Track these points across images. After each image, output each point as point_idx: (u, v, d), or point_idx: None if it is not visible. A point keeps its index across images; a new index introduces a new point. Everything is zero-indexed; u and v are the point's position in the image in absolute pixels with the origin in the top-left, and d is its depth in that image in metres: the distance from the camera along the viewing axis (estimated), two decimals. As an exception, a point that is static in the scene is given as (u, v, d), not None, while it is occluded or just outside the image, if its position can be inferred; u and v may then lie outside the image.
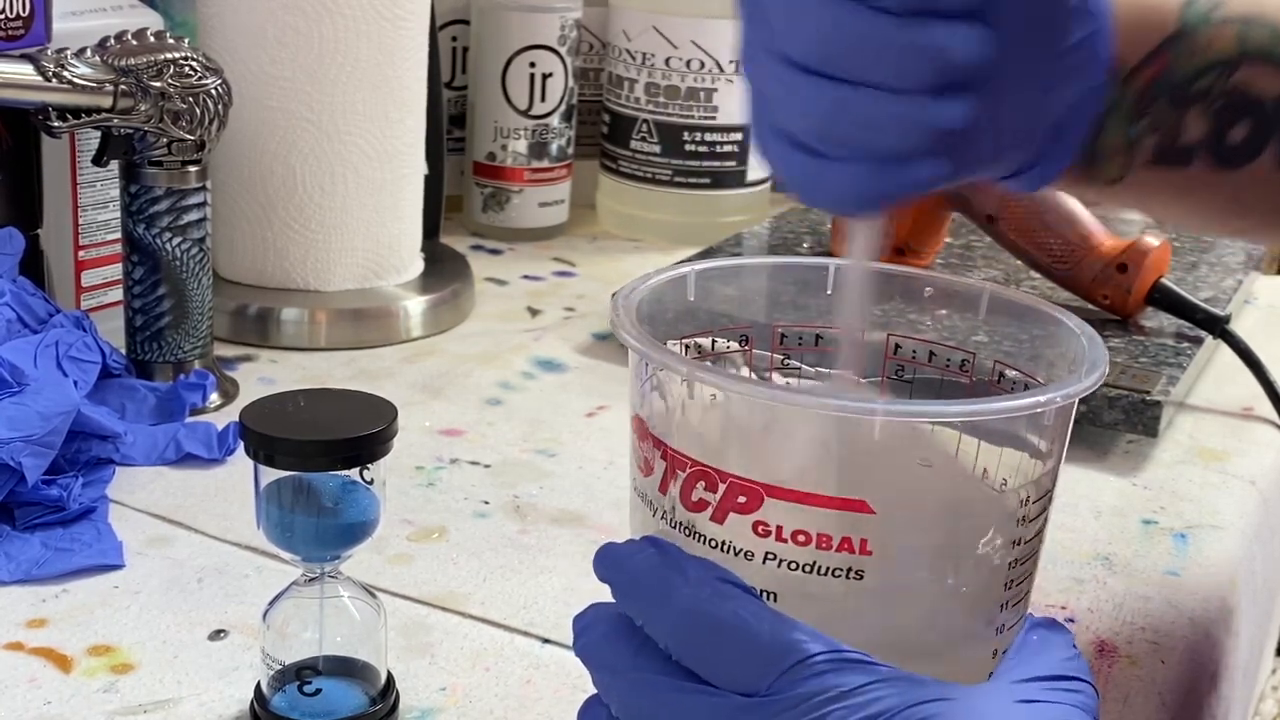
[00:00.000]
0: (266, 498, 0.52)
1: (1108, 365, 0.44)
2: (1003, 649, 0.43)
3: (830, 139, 0.44)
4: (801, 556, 0.41)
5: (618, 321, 0.44)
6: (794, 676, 0.39)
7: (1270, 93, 0.51)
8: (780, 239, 1.06)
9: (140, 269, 0.79)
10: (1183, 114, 0.51)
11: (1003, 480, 0.43)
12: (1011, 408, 0.41)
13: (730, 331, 0.49)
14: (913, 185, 0.45)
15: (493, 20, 1.12)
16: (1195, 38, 0.50)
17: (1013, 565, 0.43)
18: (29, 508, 0.66)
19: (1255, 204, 0.54)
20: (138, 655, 0.58)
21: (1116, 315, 0.91)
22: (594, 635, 0.43)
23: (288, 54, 0.88)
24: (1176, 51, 0.50)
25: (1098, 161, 0.51)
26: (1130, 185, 0.52)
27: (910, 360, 0.49)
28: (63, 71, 0.72)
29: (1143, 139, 0.51)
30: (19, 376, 0.67)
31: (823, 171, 0.44)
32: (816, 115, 0.43)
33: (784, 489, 0.41)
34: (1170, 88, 0.50)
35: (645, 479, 0.44)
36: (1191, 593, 0.68)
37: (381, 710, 0.54)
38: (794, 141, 0.45)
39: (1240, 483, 0.80)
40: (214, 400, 0.80)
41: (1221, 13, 0.51)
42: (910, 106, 0.43)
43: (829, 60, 0.43)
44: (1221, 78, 0.50)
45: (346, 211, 0.92)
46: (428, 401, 0.83)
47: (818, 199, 0.46)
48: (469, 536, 0.69)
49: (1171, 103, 0.50)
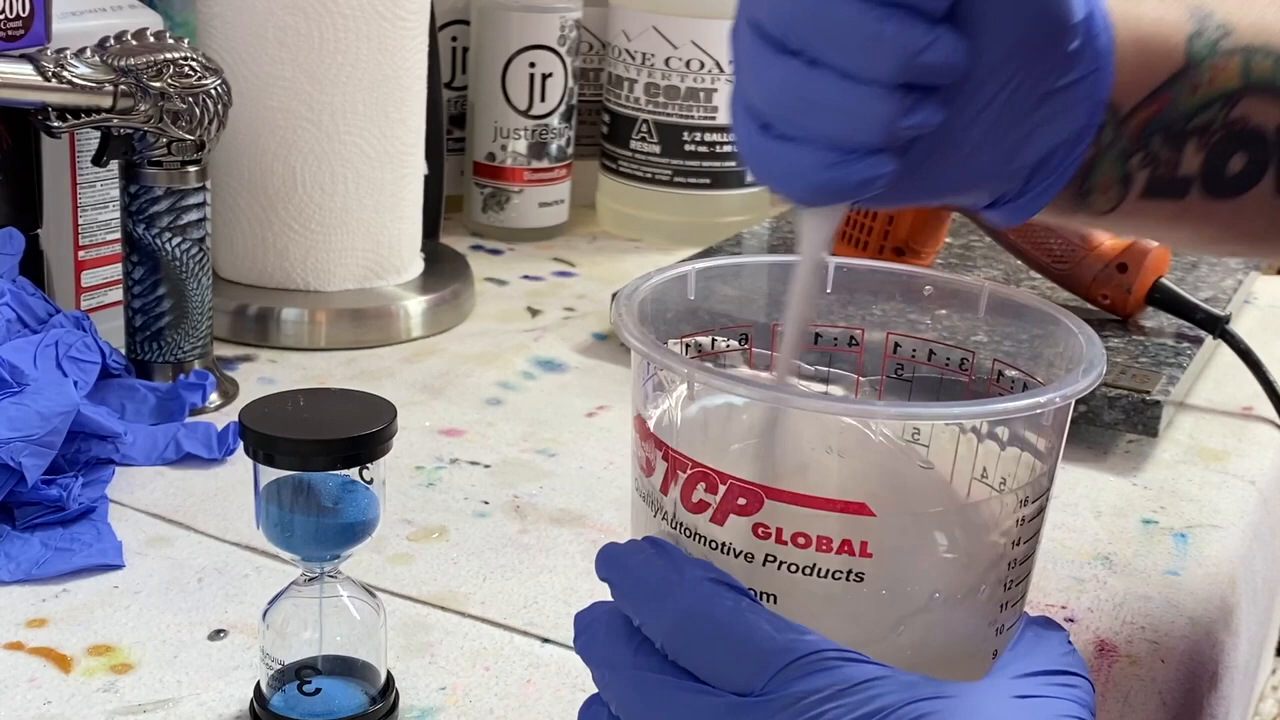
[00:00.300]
0: (266, 497, 0.52)
1: (1105, 365, 0.44)
2: (1001, 649, 0.43)
3: (786, 117, 0.43)
4: (801, 559, 0.41)
5: (620, 322, 0.44)
6: (789, 675, 0.39)
7: (1271, 123, 0.49)
8: (780, 239, 1.06)
9: (140, 269, 0.79)
10: (1179, 149, 0.49)
11: (1001, 480, 0.43)
12: (1010, 409, 0.41)
13: (730, 330, 0.49)
14: (861, 180, 0.43)
15: (493, 20, 1.12)
16: (1199, 72, 0.49)
17: (1012, 565, 0.43)
18: (29, 508, 0.66)
19: (1251, 228, 0.52)
20: (138, 655, 0.58)
21: (1116, 315, 0.91)
22: (595, 633, 0.43)
23: (288, 54, 0.88)
24: (1179, 89, 0.48)
25: (1089, 195, 0.50)
26: (1122, 215, 0.51)
27: (910, 359, 0.49)
28: (62, 71, 0.72)
29: (1136, 173, 0.50)
30: (19, 376, 0.67)
31: (775, 151, 0.43)
32: (776, 90, 0.43)
33: (785, 491, 0.41)
34: (1168, 124, 0.49)
35: (647, 479, 0.44)
36: (1191, 592, 0.68)
37: (381, 710, 0.54)
38: (755, 116, 0.44)
39: (1240, 482, 0.80)
40: (214, 400, 0.80)
41: (1229, 42, 0.49)
42: (870, 97, 0.42)
43: (795, 35, 0.42)
44: (1222, 112, 0.49)
45: (346, 211, 0.92)
46: (428, 401, 0.83)
47: (766, 179, 0.45)
48: (469, 536, 0.69)
49: (1168, 139, 0.49)
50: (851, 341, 0.50)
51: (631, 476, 0.46)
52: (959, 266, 1.01)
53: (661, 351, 0.43)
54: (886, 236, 0.97)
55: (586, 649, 0.43)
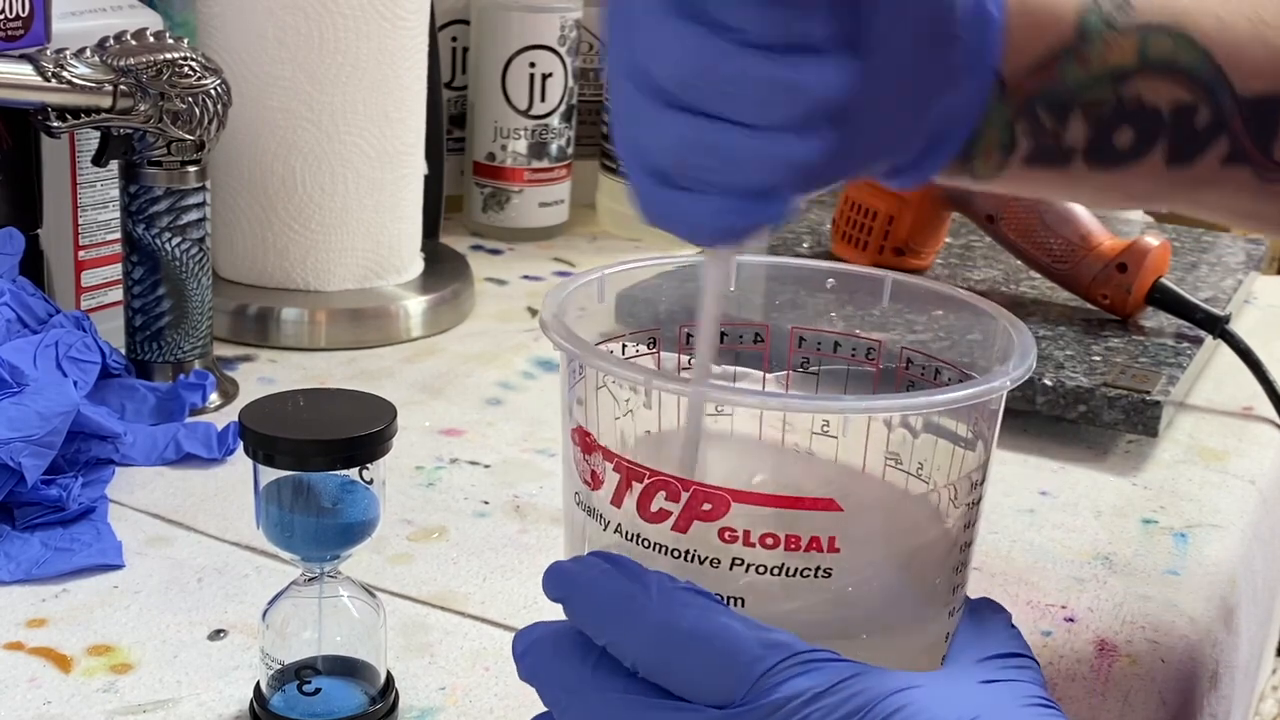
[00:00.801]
0: (266, 497, 0.52)
1: (1035, 352, 0.44)
2: (952, 631, 0.44)
3: (686, 172, 0.42)
4: (770, 560, 0.41)
5: (557, 335, 0.43)
6: (767, 683, 0.39)
7: (1166, 102, 0.49)
8: (780, 239, 1.06)
9: (140, 269, 0.79)
10: (1064, 121, 0.49)
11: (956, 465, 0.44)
12: (972, 394, 0.41)
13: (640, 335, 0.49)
14: (770, 219, 0.43)
15: (493, 20, 1.12)
16: (1089, 49, 0.48)
17: (963, 549, 0.44)
18: (29, 508, 0.66)
19: (1132, 192, 0.52)
20: (137, 655, 0.58)
21: (1116, 315, 0.91)
22: (542, 654, 0.42)
23: (288, 54, 0.88)
24: (1066, 62, 0.48)
25: (973, 160, 0.49)
26: (1004, 180, 0.51)
27: (815, 352, 0.49)
28: (62, 71, 0.72)
29: (1020, 140, 0.49)
30: (19, 376, 0.67)
31: (677, 203, 0.42)
32: (673, 147, 0.41)
33: (753, 493, 0.41)
34: (1054, 96, 0.48)
35: (594, 492, 0.43)
36: (1191, 592, 0.68)
37: (381, 710, 0.54)
38: (651, 169, 0.42)
39: (1240, 482, 0.80)
40: (214, 400, 0.80)
41: (1126, 18, 0.48)
42: (771, 143, 0.41)
43: (688, 91, 0.40)
44: (1112, 88, 0.48)
45: (346, 211, 0.92)
46: (428, 401, 0.83)
47: (672, 229, 0.43)
48: (469, 536, 0.69)
49: (1052, 110, 0.48)
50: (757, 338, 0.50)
51: (566, 492, 0.46)
52: (959, 266, 1.01)
53: (621, 364, 0.43)
54: (886, 237, 0.97)
55: (535, 671, 0.42)
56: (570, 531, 0.46)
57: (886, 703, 0.38)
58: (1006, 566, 0.69)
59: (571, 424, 0.45)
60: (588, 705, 0.41)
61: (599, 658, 0.41)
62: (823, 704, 0.38)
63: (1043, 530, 0.72)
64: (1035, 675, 0.42)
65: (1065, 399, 0.80)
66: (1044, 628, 0.64)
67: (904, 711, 0.38)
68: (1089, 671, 0.61)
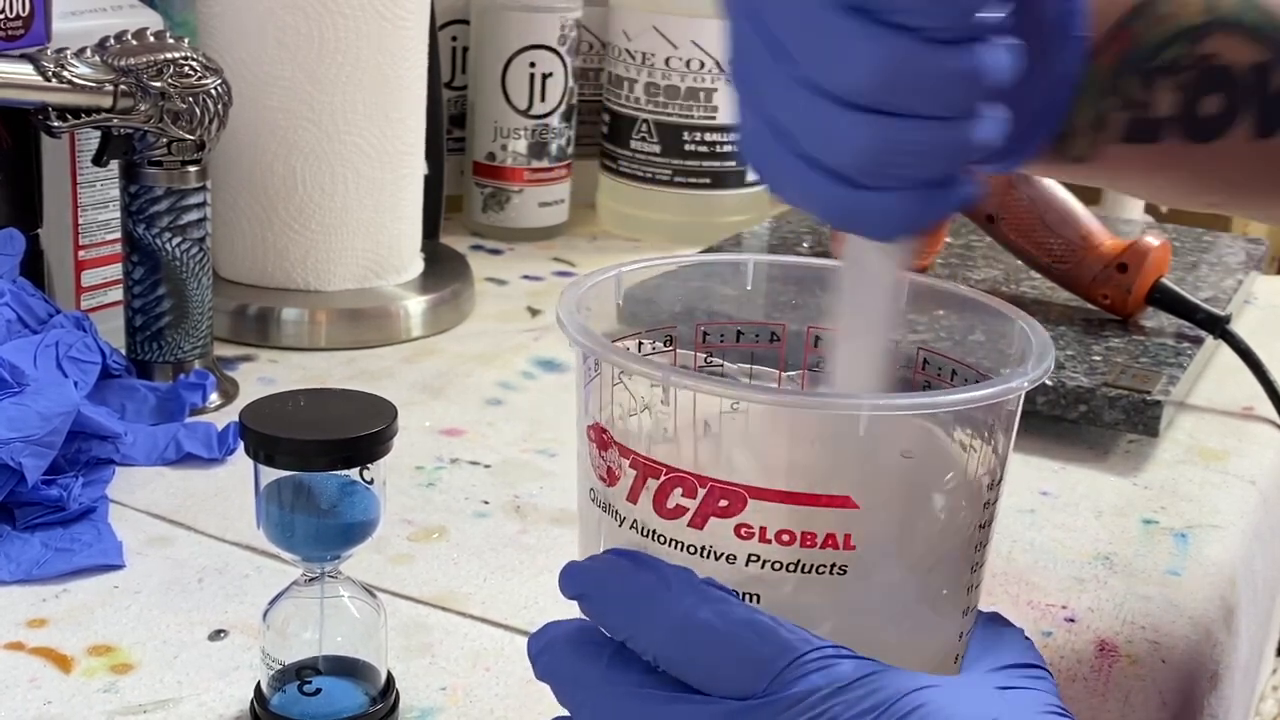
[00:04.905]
0: (266, 498, 0.52)
1: (1053, 355, 0.44)
2: (967, 632, 0.44)
3: (875, 172, 0.42)
4: (786, 556, 0.41)
5: (574, 331, 0.44)
6: (788, 676, 0.39)
7: (1241, 62, 0.49)
8: (780, 239, 1.06)
9: (140, 269, 0.79)
10: (1151, 88, 0.49)
11: (973, 465, 0.44)
12: (992, 394, 0.41)
13: (657, 333, 0.49)
14: (955, 208, 0.43)
15: (493, 20, 1.12)
16: (1158, 6, 0.49)
17: (978, 548, 0.44)
18: (29, 508, 0.66)
19: (1227, 178, 0.52)
20: (138, 655, 0.58)
21: (1116, 315, 0.91)
22: (558, 652, 0.42)
23: (288, 54, 0.88)
24: (1140, 24, 0.49)
25: (1066, 140, 0.50)
26: (1099, 162, 0.51)
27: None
28: (63, 71, 0.72)
29: (1111, 115, 0.50)
30: (19, 377, 0.67)
31: (861, 202, 0.42)
32: (861, 149, 0.41)
33: (769, 490, 0.41)
34: (1136, 61, 0.49)
35: (609, 489, 0.44)
36: (1191, 592, 0.68)
37: (381, 710, 0.54)
38: (827, 171, 0.42)
39: (1240, 482, 0.80)
40: (214, 400, 0.80)
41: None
42: (959, 132, 0.41)
43: (876, 94, 0.40)
44: (1189, 48, 0.49)
45: (346, 211, 0.92)
46: (428, 401, 0.83)
47: (862, 229, 0.44)
48: (469, 536, 0.69)
49: (1139, 77, 0.49)
50: (773, 337, 0.50)
51: (581, 489, 0.46)
52: (959, 266, 1.01)
53: (637, 360, 0.43)
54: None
55: (551, 669, 0.42)
56: (585, 528, 0.46)
57: (905, 700, 0.38)
58: (1007, 566, 0.69)
59: (587, 420, 0.45)
60: (605, 701, 0.41)
61: (614, 653, 0.41)
62: (842, 699, 0.38)
63: (1043, 530, 0.72)
64: (1051, 685, 0.42)
65: (1066, 399, 0.80)
66: (1044, 628, 0.64)
67: (922, 710, 0.38)
68: (1089, 672, 0.61)
